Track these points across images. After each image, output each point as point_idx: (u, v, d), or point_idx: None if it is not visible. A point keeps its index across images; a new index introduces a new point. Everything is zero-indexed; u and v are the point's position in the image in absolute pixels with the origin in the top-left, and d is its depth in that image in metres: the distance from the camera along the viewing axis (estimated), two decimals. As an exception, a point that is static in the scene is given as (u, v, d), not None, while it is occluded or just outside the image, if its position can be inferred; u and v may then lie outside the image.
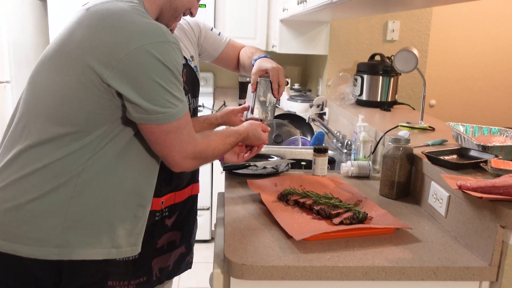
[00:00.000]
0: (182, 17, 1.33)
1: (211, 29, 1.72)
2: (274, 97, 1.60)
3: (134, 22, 1.06)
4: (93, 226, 1.12)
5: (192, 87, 1.59)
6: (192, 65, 1.60)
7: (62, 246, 1.08)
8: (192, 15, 1.32)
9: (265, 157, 1.94)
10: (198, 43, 1.68)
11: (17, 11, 3.19)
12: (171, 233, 1.67)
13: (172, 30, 1.39)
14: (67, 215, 1.08)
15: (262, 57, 1.67)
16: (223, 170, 1.73)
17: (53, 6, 3.35)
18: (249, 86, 1.62)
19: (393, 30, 2.97)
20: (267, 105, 1.60)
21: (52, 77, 1.10)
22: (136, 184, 1.20)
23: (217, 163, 3.05)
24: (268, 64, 1.60)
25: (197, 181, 1.76)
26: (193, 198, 1.75)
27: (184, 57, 1.57)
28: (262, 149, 2.23)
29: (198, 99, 1.66)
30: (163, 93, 1.06)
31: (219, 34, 1.74)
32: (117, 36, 1.04)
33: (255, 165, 1.76)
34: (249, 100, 1.63)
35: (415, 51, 1.95)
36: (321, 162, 1.70)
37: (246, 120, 1.60)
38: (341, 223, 1.25)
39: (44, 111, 1.09)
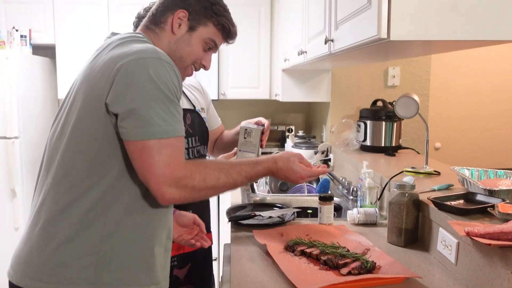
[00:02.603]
0: (196, 72, 1.34)
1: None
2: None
3: (133, 46, 1.11)
4: (128, 264, 1.12)
5: (200, 133, 1.62)
6: (202, 115, 1.65)
7: (96, 284, 1.09)
8: (205, 68, 1.33)
9: (271, 206, 1.93)
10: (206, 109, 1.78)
11: (27, 68, 3.29)
12: (182, 287, 1.64)
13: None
14: (100, 254, 1.09)
15: None
16: (229, 220, 1.72)
17: (61, 63, 3.46)
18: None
19: (394, 76, 3.02)
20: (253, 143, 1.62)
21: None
22: (164, 218, 1.20)
23: (223, 213, 3.04)
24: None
25: (209, 231, 1.75)
26: (206, 250, 1.72)
27: (193, 105, 1.63)
28: (268, 198, 2.22)
29: (207, 147, 1.70)
30: (147, 106, 1.03)
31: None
32: (115, 57, 1.08)
33: (261, 215, 1.75)
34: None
35: (416, 97, 1.98)
36: (327, 210, 1.69)
37: None
38: (349, 273, 1.22)
39: (64, 151, 1.12)
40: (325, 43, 1.62)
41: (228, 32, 1.32)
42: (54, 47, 3.47)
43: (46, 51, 3.67)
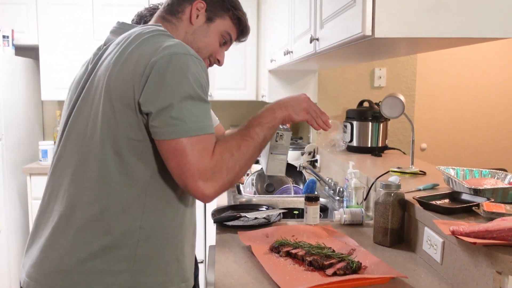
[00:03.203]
0: (209, 67, 1.32)
1: None
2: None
3: (162, 42, 1.07)
4: (161, 265, 1.11)
5: None
6: None
7: None
8: (219, 63, 1.32)
9: (257, 207, 1.91)
10: None
11: (10, 69, 3.24)
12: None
13: None
14: (136, 258, 1.08)
15: None
16: (214, 222, 1.70)
17: (45, 64, 3.41)
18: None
19: (380, 77, 3.02)
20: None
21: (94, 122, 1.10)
22: (191, 215, 1.21)
23: (209, 216, 3.01)
24: None
25: None
26: None
27: None
28: (254, 199, 2.21)
29: None
30: (179, 105, 1.01)
31: None
32: (146, 54, 1.05)
33: (246, 216, 1.73)
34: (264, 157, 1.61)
35: (401, 97, 1.98)
36: (313, 211, 1.68)
37: None
38: (335, 274, 1.21)
39: (97, 153, 1.08)
40: (311, 42, 1.61)
41: (243, 27, 1.31)
42: (38, 48, 3.42)
43: (29, 52, 3.61)
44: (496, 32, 1.10)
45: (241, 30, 1.32)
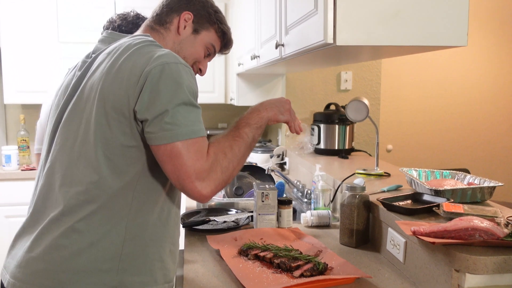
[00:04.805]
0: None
1: None
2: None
3: (153, 52, 1.10)
4: (146, 265, 1.13)
5: None
6: None
7: (117, 287, 1.09)
8: (201, 72, 1.36)
9: (226, 211, 1.92)
10: None
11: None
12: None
13: None
14: (121, 257, 1.09)
15: None
16: (183, 226, 1.70)
17: (7, 67, 3.32)
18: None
19: (346, 80, 3.08)
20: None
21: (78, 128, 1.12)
22: (177, 217, 1.24)
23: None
24: None
25: None
26: None
27: None
28: (223, 201, 2.21)
29: None
30: (174, 111, 1.05)
31: None
32: (139, 64, 1.08)
33: (215, 220, 1.74)
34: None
35: (366, 101, 2.02)
36: (287, 214, 1.70)
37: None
38: (302, 275, 1.24)
39: (89, 158, 1.09)
40: (276, 47, 1.64)
41: (227, 40, 1.38)
42: None
43: (-9, 54, 3.51)
44: (450, 41, 1.15)
45: (225, 43, 1.38)
